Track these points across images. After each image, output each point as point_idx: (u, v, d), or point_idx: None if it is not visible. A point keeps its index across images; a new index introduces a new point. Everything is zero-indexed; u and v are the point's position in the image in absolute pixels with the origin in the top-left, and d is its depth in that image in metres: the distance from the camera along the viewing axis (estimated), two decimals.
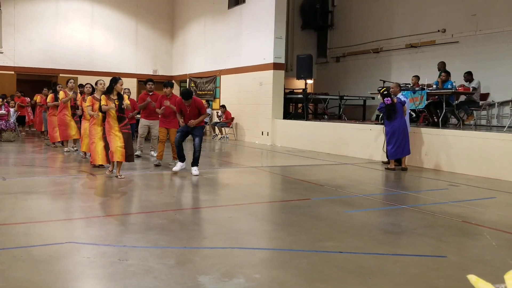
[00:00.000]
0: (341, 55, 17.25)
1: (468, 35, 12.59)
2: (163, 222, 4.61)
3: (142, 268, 3.30)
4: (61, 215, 4.93)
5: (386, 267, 3.50)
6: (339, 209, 5.43)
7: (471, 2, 12.51)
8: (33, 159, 9.66)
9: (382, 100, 8.86)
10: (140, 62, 20.22)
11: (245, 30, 15.33)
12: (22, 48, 17.98)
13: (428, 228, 4.70)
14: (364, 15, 16.13)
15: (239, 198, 6.06)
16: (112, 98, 7.13)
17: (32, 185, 6.46)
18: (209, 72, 17.72)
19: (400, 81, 12.51)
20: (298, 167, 9.18)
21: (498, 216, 5.30)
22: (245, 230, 4.47)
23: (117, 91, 7.18)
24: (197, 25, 18.73)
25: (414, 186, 7.63)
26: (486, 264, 3.63)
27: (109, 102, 7.10)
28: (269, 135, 14.15)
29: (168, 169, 8.16)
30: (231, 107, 15.76)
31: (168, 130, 8.73)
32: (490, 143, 8.23)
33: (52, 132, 11.01)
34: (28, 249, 3.66)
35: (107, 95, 7.14)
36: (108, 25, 19.46)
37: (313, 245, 4.01)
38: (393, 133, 8.78)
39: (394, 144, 8.80)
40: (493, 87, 11.37)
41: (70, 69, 18.51)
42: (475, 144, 8.46)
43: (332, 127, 12.07)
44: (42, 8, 18.24)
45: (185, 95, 7.49)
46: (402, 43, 14.64)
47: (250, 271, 3.30)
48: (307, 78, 14.02)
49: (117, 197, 5.97)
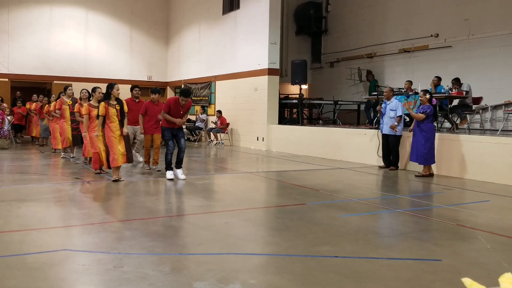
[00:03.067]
0: (335, 60, 17.34)
1: (461, 39, 12.70)
2: (158, 229, 4.60)
3: (137, 275, 3.29)
4: (56, 223, 4.90)
5: (382, 271, 3.51)
6: (335, 214, 5.44)
7: (464, 7, 12.62)
8: (28, 166, 9.61)
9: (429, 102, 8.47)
10: (135, 68, 20.21)
11: (240, 36, 15.38)
12: (16, 55, 17.93)
13: (423, 231, 4.71)
14: (358, 20, 16.24)
15: (235, 203, 6.05)
16: (112, 104, 7.28)
17: (26, 192, 6.43)
18: (204, 78, 17.74)
19: (394, 85, 12.60)
20: (293, 172, 9.19)
21: (492, 219, 5.32)
22: (241, 236, 4.47)
23: (114, 96, 7.32)
24: (191, 31, 18.78)
25: (409, 190, 7.65)
26: (481, 267, 3.64)
27: (110, 107, 7.23)
28: (264, 140, 14.16)
29: (162, 175, 8.14)
30: (226, 112, 15.77)
31: (152, 136, 8.84)
32: (484, 146, 8.29)
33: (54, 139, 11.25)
34: (23, 257, 3.64)
35: (106, 102, 7.26)
36: (102, 31, 19.46)
37: (309, 250, 4.01)
38: (429, 137, 8.47)
39: (430, 148, 8.49)
40: (486, 91, 11.45)
41: (64, 76, 18.47)
42: (469, 148, 8.50)
43: (326, 132, 12.10)
44: (36, 15, 18.22)
45: (186, 92, 7.66)
46: (395, 48, 14.74)
47: (246, 277, 3.30)
48: (302, 83, 14.07)
49: (112, 204, 5.95)
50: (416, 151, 8.61)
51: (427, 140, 8.46)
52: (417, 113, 8.61)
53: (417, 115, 8.56)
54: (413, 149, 8.72)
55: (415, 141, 8.67)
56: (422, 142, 8.47)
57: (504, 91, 11.52)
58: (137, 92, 9.50)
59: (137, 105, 9.29)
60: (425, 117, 8.42)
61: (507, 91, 11.44)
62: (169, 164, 7.80)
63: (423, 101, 8.59)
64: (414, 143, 8.72)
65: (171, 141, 7.76)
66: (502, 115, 11.48)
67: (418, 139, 8.56)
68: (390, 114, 9.51)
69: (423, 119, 8.44)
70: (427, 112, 8.44)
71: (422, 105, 8.59)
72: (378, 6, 15.42)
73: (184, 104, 7.65)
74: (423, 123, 8.50)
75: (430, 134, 8.48)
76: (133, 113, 9.17)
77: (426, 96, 8.54)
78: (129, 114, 9.11)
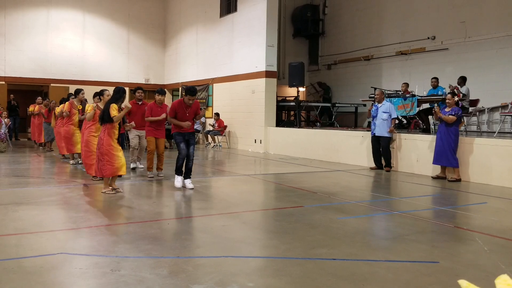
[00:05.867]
0: (332, 63, 17.39)
1: (458, 42, 12.75)
2: (155, 232, 4.59)
3: (135, 279, 3.27)
4: (52, 226, 4.88)
5: (379, 273, 3.51)
6: (332, 216, 5.44)
7: (460, 9, 12.68)
8: (25, 170, 9.58)
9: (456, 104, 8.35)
10: (132, 71, 20.21)
11: (237, 39, 15.40)
12: (13, 58, 17.91)
13: (420, 234, 4.72)
14: (355, 23, 16.29)
15: (233, 206, 6.04)
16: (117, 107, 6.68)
17: (23, 195, 6.40)
18: (201, 81, 17.75)
19: (391, 88, 12.66)
20: (291, 175, 9.20)
21: (490, 221, 5.33)
22: (239, 239, 4.46)
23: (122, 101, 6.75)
24: (189, 34, 18.79)
25: (406, 192, 7.66)
26: (479, 269, 3.64)
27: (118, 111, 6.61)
28: (262, 143, 14.16)
29: (159, 178, 8.13)
30: (223, 115, 15.78)
31: (157, 140, 8.28)
32: (480, 148, 8.31)
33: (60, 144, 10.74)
34: (20, 261, 3.63)
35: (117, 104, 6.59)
36: (99, 34, 19.46)
37: (306, 252, 4.01)
38: (457, 141, 8.36)
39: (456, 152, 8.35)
40: (483, 93, 11.49)
41: (61, 79, 18.47)
42: (466, 150, 8.52)
43: (324, 134, 12.12)
44: (33, 17, 18.21)
45: (192, 91, 7.04)
46: (392, 50, 14.79)
47: (243, 280, 3.29)
48: (299, 85, 14.09)
49: (109, 207, 5.93)
50: (443, 154, 8.36)
51: (456, 143, 8.33)
52: (447, 115, 8.35)
53: (448, 118, 8.27)
54: (439, 152, 8.45)
55: (441, 145, 8.41)
56: (452, 146, 8.28)
57: (500, 93, 11.57)
58: (140, 94, 9.19)
59: (141, 107, 8.94)
60: (456, 119, 8.23)
61: (504, 93, 11.49)
62: (178, 169, 7.16)
63: (450, 104, 8.41)
64: (440, 146, 8.44)
65: (182, 143, 7.07)
66: (498, 117, 11.53)
67: (447, 142, 8.32)
68: (383, 116, 9.57)
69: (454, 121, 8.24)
70: (458, 114, 8.27)
71: (451, 108, 8.36)
72: (375, 8, 15.47)
73: (191, 104, 7.05)
74: (452, 127, 8.29)
75: (458, 137, 8.35)
76: (137, 116, 8.74)
77: (454, 98, 8.39)
78: (133, 118, 8.63)
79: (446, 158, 8.36)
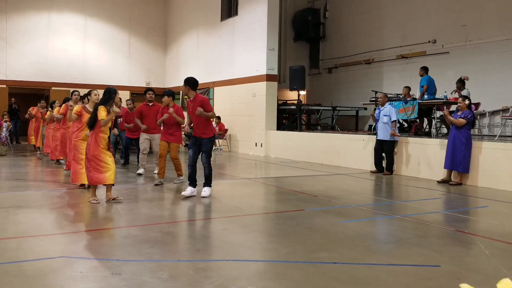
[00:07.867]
0: (333, 66, 17.40)
1: (458, 45, 12.76)
2: (156, 235, 4.58)
3: (135, 282, 3.27)
4: (53, 229, 4.88)
5: (380, 277, 3.50)
6: (333, 220, 5.43)
7: (461, 13, 12.70)
8: (25, 173, 9.59)
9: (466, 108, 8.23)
10: (133, 74, 20.25)
11: (238, 42, 15.43)
12: (14, 61, 17.96)
13: (421, 237, 4.70)
14: (356, 26, 16.31)
15: (233, 210, 6.04)
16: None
17: (23, 199, 6.40)
18: (202, 84, 17.73)
19: (392, 91, 12.66)
20: (292, 178, 9.19)
21: (491, 225, 5.32)
22: (240, 242, 4.45)
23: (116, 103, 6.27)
24: (190, 37, 18.83)
25: (407, 196, 7.65)
26: (480, 273, 3.63)
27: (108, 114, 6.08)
28: (263, 146, 14.16)
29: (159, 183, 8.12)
30: (224, 118, 15.78)
31: (169, 144, 7.86)
32: (481, 152, 8.29)
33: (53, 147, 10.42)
34: (20, 264, 3.62)
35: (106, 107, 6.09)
36: (101, 38, 19.51)
37: (307, 256, 4.00)
38: (469, 145, 8.21)
39: (468, 156, 8.20)
40: (484, 97, 11.50)
41: (62, 82, 18.50)
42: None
43: (325, 138, 12.11)
44: (34, 21, 18.27)
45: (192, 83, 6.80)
46: (393, 54, 14.81)
47: (244, 284, 3.29)
48: (300, 89, 14.11)
49: (110, 210, 5.92)
50: (453, 158, 8.28)
51: (467, 148, 8.22)
52: (457, 118, 8.27)
53: (458, 121, 8.19)
54: (450, 156, 8.34)
55: (452, 149, 8.29)
56: (462, 150, 8.16)
57: (501, 97, 11.57)
58: (151, 96, 8.90)
59: (152, 109, 8.71)
60: (466, 122, 8.14)
61: (504, 96, 11.49)
62: (189, 178, 6.73)
63: (462, 107, 8.31)
64: (451, 150, 8.32)
65: (191, 149, 6.68)
66: (499, 121, 11.52)
67: (458, 147, 8.20)
68: (384, 119, 9.57)
69: (464, 124, 8.15)
70: (468, 117, 8.17)
71: (462, 111, 8.29)
72: (376, 12, 15.50)
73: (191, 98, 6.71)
74: (463, 130, 8.17)
75: (470, 141, 8.25)
76: (149, 119, 8.51)
77: (465, 102, 8.30)
78: (145, 121, 8.57)
79: (457, 162, 8.27)
